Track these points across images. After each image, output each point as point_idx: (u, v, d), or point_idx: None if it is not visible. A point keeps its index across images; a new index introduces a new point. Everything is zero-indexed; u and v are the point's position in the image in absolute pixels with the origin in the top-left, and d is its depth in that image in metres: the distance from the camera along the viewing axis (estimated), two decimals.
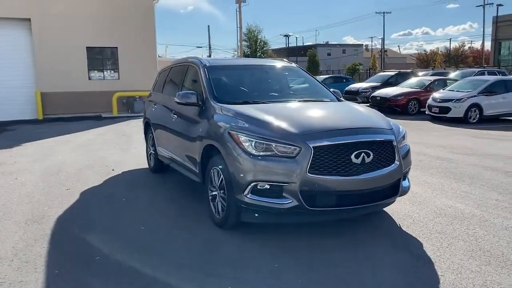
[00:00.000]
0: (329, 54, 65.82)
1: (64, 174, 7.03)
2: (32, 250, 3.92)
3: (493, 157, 7.96)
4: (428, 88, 17.14)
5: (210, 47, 62.97)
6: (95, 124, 14.33)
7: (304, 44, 75.89)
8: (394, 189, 4.21)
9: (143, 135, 7.69)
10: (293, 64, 6.21)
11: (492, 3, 56.87)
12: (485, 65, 49.13)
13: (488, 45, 63.89)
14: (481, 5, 54.89)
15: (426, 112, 15.29)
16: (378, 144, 4.04)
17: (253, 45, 59.00)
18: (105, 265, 3.60)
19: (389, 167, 4.08)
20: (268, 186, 3.86)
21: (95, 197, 5.71)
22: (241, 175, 3.94)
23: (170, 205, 5.30)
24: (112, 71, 18.12)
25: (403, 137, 4.51)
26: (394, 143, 4.16)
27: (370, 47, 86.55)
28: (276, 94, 5.34)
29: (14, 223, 4.64)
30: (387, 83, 20.38)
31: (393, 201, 4.46)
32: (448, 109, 14.33)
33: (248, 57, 48.84)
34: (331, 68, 58.28)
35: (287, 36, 62.53)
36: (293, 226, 4.34)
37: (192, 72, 5.66)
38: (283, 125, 4.04)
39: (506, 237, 4.12)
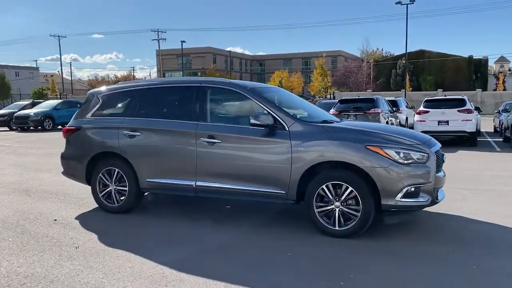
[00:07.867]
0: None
1: (9, 232, 4.72)
2: None
3: None
4: None
5: None
6: None
7: None
8: None
9: None
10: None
11: (165, 39, 64.59)
12: None
13: (154, 74, 71.89)
14: (155, 39, 61.73)
15: None
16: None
17: None
18: None
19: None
20: (413, 189, 4.62)
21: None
22: (394, 182, 4.51)
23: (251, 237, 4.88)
24: None
25: None
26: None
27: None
28: (323, 114, 5.83)
29: None
30: None
31: None
32: None
33: None
34: (21, 92, 50.70)
35: None
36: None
37: (223, 94, 5.55)
38: (405, 137, 4.84)
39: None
